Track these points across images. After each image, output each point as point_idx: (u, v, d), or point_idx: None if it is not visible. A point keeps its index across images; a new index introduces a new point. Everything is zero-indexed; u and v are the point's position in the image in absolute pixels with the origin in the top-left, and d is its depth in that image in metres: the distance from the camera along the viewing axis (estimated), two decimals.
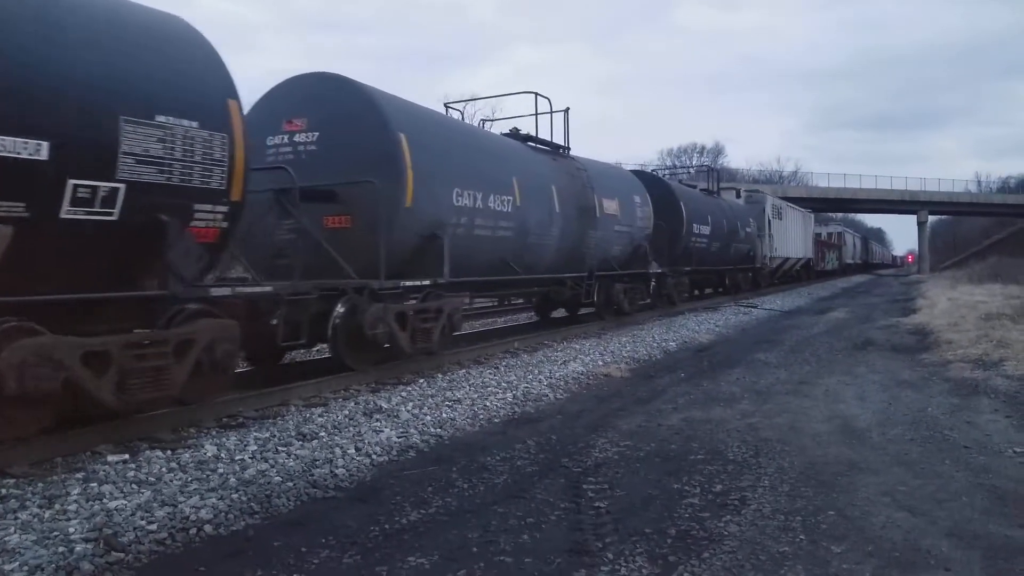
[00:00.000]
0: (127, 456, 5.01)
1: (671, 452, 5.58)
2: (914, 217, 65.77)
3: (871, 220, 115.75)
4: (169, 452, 5.16)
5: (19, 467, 4.69)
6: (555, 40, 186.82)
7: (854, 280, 47.35)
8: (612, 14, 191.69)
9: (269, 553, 3.75)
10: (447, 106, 12.15)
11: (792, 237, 31.29)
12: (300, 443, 5.55)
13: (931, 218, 69.96)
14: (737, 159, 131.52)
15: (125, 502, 4.18)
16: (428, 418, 6.52)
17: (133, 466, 4.81)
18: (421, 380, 8.21)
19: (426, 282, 8.91)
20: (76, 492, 4.28)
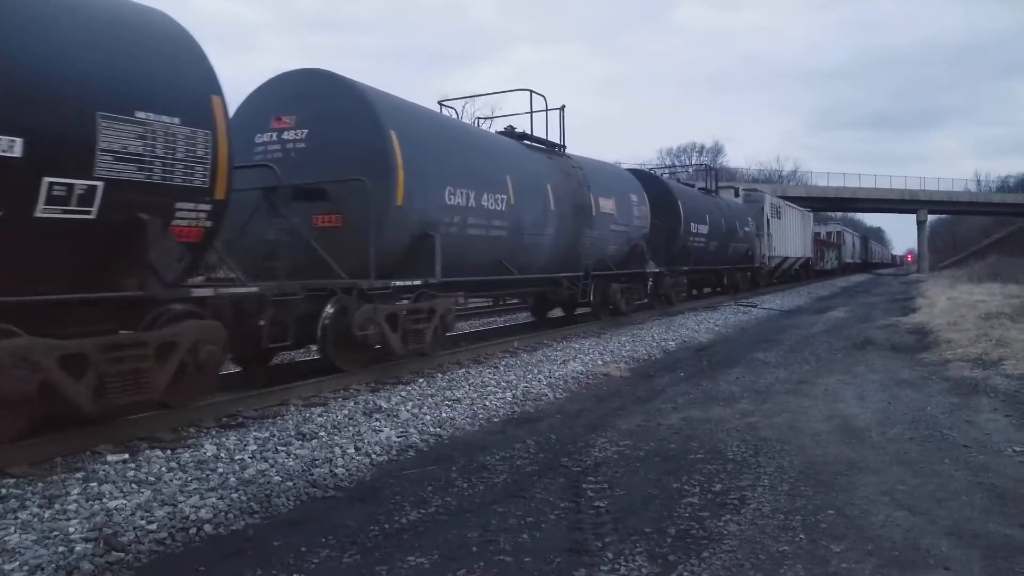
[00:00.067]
0: (127, 456, 5.01)
1: (671, 451, 5.58)
2: (913, 216, 65.84)
3: (870, 219, 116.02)
4: (169, 452, 5.16)
5: (19, 467, 4.69)
6: (555, 40, 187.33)
7: (853, 279, 47.37)
8: (612, 14, 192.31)
9: (269, 553, 3.75)
10: (441, 104, 11.97)
11: (791, 236, 31.28)
12: (300, 443, 5.55)
13: (930, 217, 70.01)
14: (736, 159, 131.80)
15: (125, 502, 4.18)
16: (428, 418, 6.52)
17: (133, 466, 4.81)
18: (420, 380, 8.21)
19: (417, 282, 8.77)
20: (76, 492, 4.28)
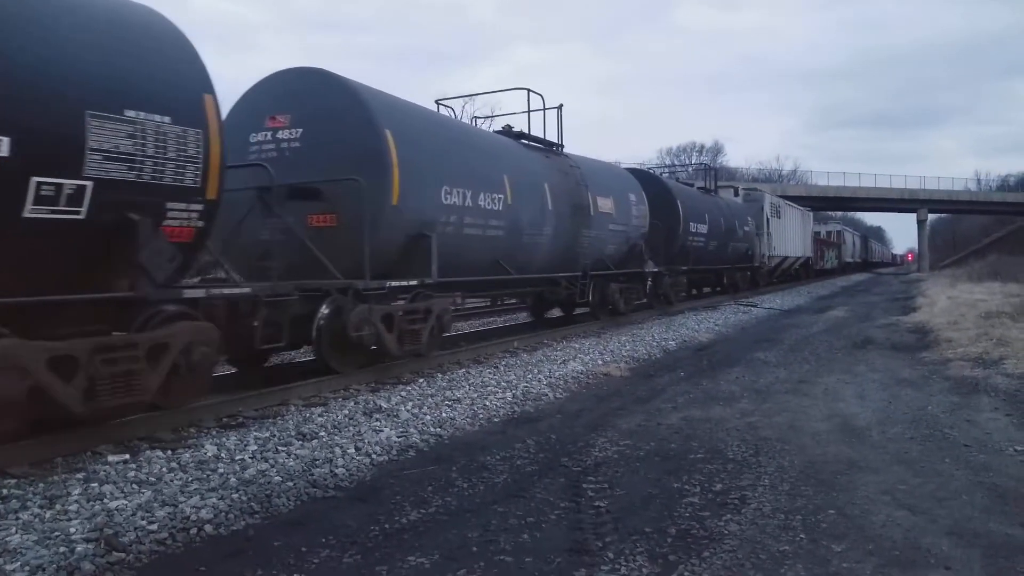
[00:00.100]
0: (127, 456, 5.02)
1: (671, 451, 5.58)
2: (914, 215, 65.83)
3: (871, 219, 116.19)
4: (169, 452, 5.16)
5: (20, 467, 4.69)
6: (555, 40, 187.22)
7: (853, 279, 47.36)
8: (612, 14, 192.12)
9: (269, 553, 3.75)
10: (438, 103, 11.89)
11: (791, 236, 31.28)
12: (300, 443, 5.55)
13: (931, 216, 70.01)
14: (736, 158, 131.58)
15: (126, 502, 4.18)
16: (428, 417, 6.52)
17: (134, 466, 4.82)
18: (421, 380, 8.21)
19: (413, 282, 8.72)
20: (77, 492, 4.28)
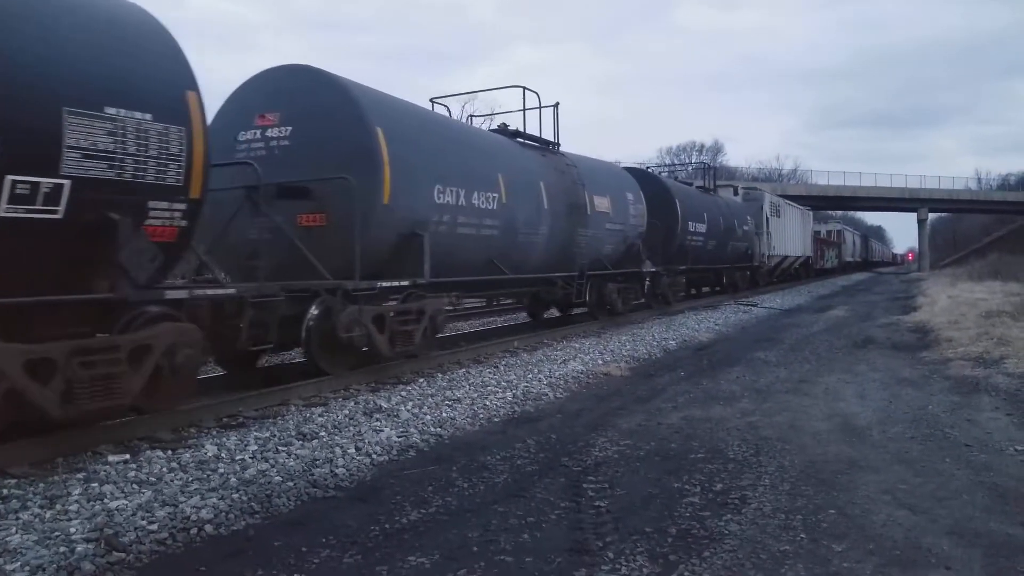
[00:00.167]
0: (128, 456, 5.01)
1: (671, 451, 5.58)
2: (914, 215, 65.85)
3: (871, 218, 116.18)
4: (170, 452, 5.16)
5: (20, 467, 4.69)
6: (555, 40, 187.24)
7: (854, 278, 47.36)
8: (612, 14, 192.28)
9: (269, 553, 3.75)
10: (433, 101, 11.73)
11: (791, 235, 31.27)
12: (300, 443, 5.55)
13: (931, 216, 70.01)
14: (736, 158, 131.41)
15: (126, 502, 4.18)
16: (428, 417, 6.52)
17: (134, 466, 4.82)
18: (421, 380, 8.21)
19: (405, 283, 8.58)
20: (77, 492, 4.28)
